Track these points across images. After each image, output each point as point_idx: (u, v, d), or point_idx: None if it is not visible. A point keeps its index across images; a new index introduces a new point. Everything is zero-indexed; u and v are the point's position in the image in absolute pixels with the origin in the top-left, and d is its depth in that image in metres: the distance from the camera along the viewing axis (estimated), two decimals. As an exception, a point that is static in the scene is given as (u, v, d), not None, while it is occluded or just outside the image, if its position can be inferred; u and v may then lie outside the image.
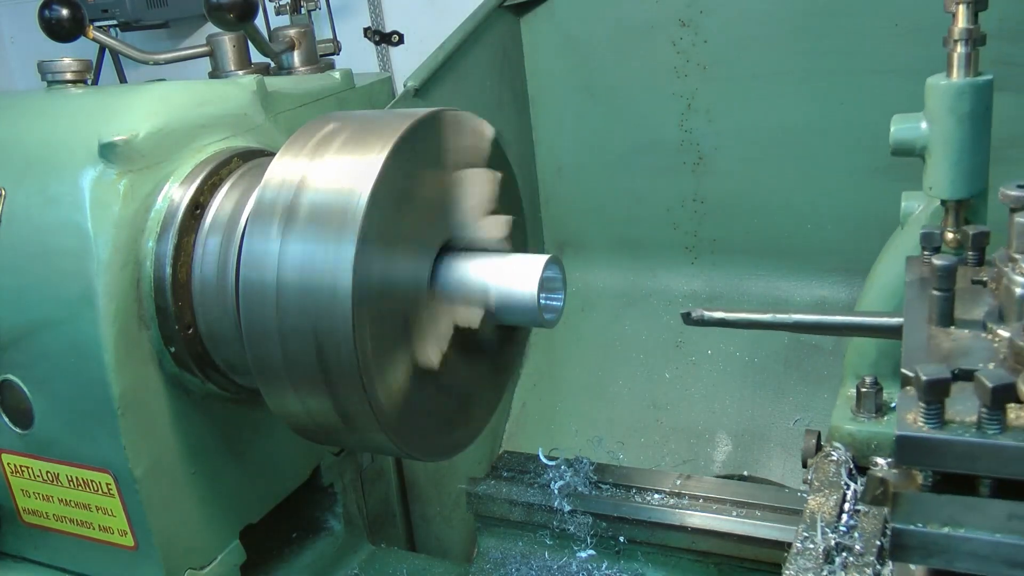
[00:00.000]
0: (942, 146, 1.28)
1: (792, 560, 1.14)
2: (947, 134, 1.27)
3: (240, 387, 1.63)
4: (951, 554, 0.86)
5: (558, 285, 1.51)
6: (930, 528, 0.86)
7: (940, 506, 0.87)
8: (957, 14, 1.24)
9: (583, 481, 2.00)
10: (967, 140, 1.27)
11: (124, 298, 1.47)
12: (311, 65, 2.65)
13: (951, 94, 1.25)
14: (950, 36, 1.25)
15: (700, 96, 2.68)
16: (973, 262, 1.16)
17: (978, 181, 1.27)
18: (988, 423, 0.84)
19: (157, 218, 1.51)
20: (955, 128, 1.26)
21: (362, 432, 1.37)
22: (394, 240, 1.33)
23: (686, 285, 2.87)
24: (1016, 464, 0.83)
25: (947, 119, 1.26)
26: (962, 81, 1.25)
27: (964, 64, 1.25)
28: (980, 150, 1.28)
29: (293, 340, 1.31)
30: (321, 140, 1.38)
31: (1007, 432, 0.83)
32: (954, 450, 0.84)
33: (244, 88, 1.78)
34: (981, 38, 1.24)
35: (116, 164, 1.47)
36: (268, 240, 1.32)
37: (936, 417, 0.85)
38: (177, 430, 1.58)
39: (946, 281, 1.01)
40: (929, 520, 0.86)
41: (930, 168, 1.31)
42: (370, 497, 2.31)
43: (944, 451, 0.84)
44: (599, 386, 2.89)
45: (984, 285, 1.09)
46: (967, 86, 1.25)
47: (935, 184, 1.30)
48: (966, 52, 1.24)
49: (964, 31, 1.24)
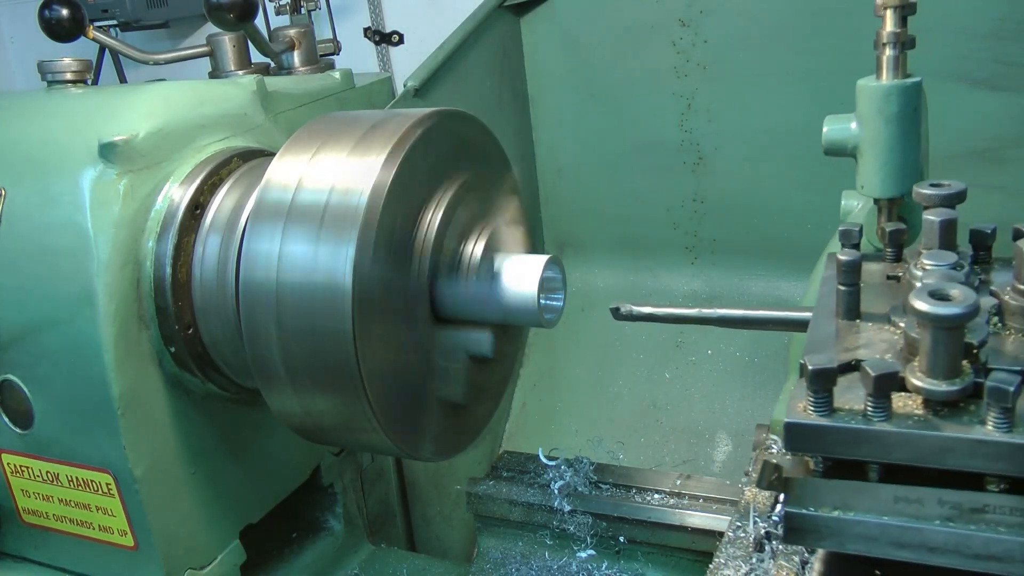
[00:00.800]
0: (872, 146, 1.31)
1: (723, 548, 1.17)
2: (876, 134, 1.30)
3: (240, 387, 1.63)
4: (842, 537, 0.90)
5: (558, 285, 1.51)
6: (821, 512, 0.90)
7: (830, 491, 0.91)
8: (885, 18, 1.27)
9: (583, 481, 2.00)
10: (896, 140, 1.30)
11: (124, 298, 1.47)
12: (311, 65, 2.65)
13: (879, 96, 1.29)
14: (879, 39, 1.28)
15: (700, 96, 2.68)
16: (891, 258, 1.20)
17: (909, 180, 1.28)
18: (874, 411, 0.87)
19: (157, 218, 1.51)
20: (883, 128, 1.30)
21: (361, 432, 1.37)
22: (394, 239, 1.33)
23: (686, 285, 2.86)
24: (899, 450, 0.86)
25: (876, 120, 1.30)
26: (890, 83, 1.28)
27: (893, 66, 1.28)
28: (909, 150, 1.31)
29: (293, 340, 1.31)
30: (321, 140, 1.38)
31: (892, 419, 0.87)
32: (839, 437, 0.88)
33: (244, 88, 1.78)
34: (910, 41, 1.28)
35: (116, 164, 1.47)
36: (268, 240, 1.32)
37: (825, 405, 0.89)
38: (177, 430, 1.58)
39: (850, 276, 1.05)
40: (820, 504, 0.91)
41: (861, 167, 1.34)
42: (370, 497, 2.30)
43: (830, 437, 0.88)
44: (599, 386, 2.89)
45: (898, 280, 1.13)
46: (895, 88, 1.28)
47: (866, 183, 1.34)
48: (894, 55, 1.27)
49: (892, 35, 1.27)
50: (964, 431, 0.85)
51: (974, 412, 0.87)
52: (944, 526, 0.87)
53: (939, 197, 1.08)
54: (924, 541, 0.88)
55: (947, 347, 0.86)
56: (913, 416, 0.87)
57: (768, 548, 1.12)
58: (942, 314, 0.84)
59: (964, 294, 0.86)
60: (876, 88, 1.29)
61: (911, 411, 0.88)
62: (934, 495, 0.88)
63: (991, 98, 2.23)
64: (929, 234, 1.05)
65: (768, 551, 1.12)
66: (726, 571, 1.13)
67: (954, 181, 1.10)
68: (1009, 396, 0.83)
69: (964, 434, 0.84)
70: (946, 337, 0.86)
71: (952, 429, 0.85)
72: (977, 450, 0.84)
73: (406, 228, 1.36)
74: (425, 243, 1.39)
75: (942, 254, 1.01)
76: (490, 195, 1.56)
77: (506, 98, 2.81)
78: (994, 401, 0.83)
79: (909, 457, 0.87)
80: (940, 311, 0.84)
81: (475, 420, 1.62)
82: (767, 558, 1.11)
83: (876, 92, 1.29)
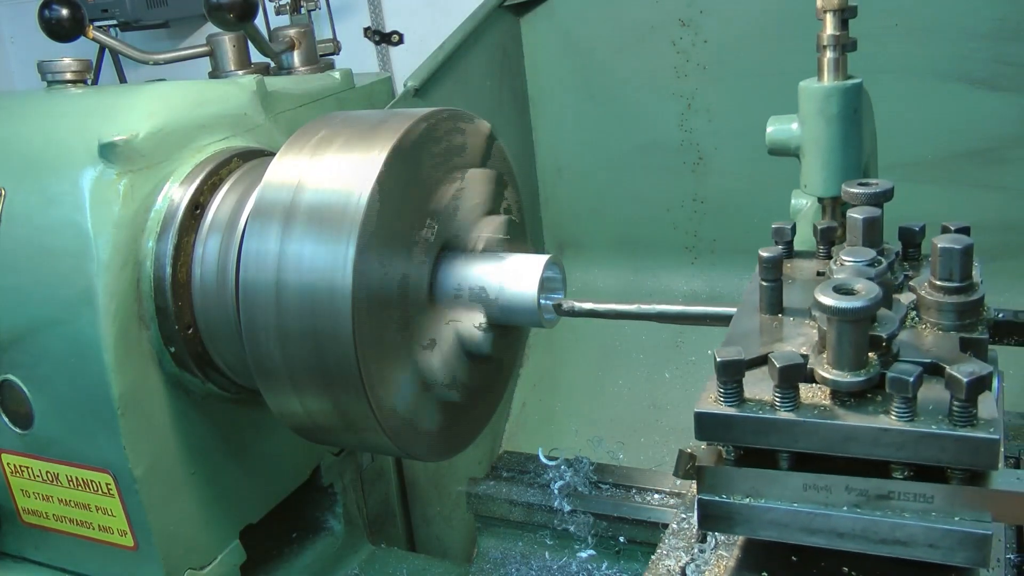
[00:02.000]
0: (813, 146, 1.34)
1: (666, 539, 1.21)
2: (817, 135, 1.33)
3: (240, 387, 1.63)
4: (754, 523, 0.94)
5: (558, 285, 1.51)
6: (734, 499, 0.94)
7: (742, 479, 0.94)
8: (826, 21, 1.30)
9: (583, 481, 2.00)
10: (836, 140, 1.32)
11: (124, 298, 1.46)
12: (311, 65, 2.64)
13: (820, 97, 1.31)
14: (819, 42, 1.31)
15: (700, 96, 2.68)
16: (823, 255, 1.23)
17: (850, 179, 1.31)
18: (781, 401, 0.91)
19: (157, 218, 1.51)
20: (824, 129, 1.32)
21: (362, 432, 1.37)
22: (394, 240, 1.33)
23: (686, 285, 2.86)
24: (805, 438, 0.90)
25: (817, 120, 1.32)
26: (831, 85, 1.31)
27: (833, 68, 1.30)
28: (851, 150, 1.33)
29: (293, 340, 1.31)
30: (321, 140, 1.38)
31: (798, 409, 0.90)
32: (747, 426, 0.91)
33: (244, 88, 1.77)
34: (851, 43, 1.30)
35: (116, 164, 1.47)
36: (268, 240, 1.32)
37: (735, 396, 0.93)
38: (177, 430, 1.57)
39: (771, 272, 1.09)
40: (732, 492, 0.94)
41: (804, 167, 1.37)
42: (370, 497, 2.30)
43: (738, 427, 0.92)
44: (599, 386, 2.89)
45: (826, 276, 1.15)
46: (835, 89, 1.31)
47: (809, 182, 1.37)
48: (835, 57, 1.30)
49: (832, 37, 1.29)
50: (867, 420, 0.87)
51: (880, 403, 0.90)
52: (852, 512, 0.90)
53: (865, 196, 1.12)
54: (833, 527, 0.91)
55: (851, 339, 0.89)
56: (819, 407, 0.91)
57: (712, 539, 1.13)
58: (842, 307, 0.87)
59: (867, 288, 0.89)
60: (817, 89, 1.32)
61: (818, 402, 0.91)
62: (842, 482, 0.91)
63: (991, 98, 2.23)
64: (853, 231, 1.09)
65: (711, 542, 1.13)
66: (667, 561, 1.16)
67: (882, 180, 1.12)
68: (909, 386, 0.85)
69: (866, 423, 0.87)
70: (850, 330, 0.89)
71: (856, 419, 0.88)
72: (880, 438, 0.87)
73: (406, 227, 1.36)
74: (426, 242, 1.39)
75: (861, 250, 1.04)
76: (490, 194, 1.56)
77: (506, 98, 2.81)
78: (895, 391, 0.86)
79: (815, 446, 0.90)
80: (840, 304, 0.87)
81: (475, 420, 1.62)
82: (708, 549, 1.13)
83: (817, 93, 1.31)
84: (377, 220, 1.28)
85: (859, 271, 0.98)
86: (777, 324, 1.08)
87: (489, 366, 1.59)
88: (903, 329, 1.00)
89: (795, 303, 1.11)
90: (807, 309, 1.06)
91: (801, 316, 1.08)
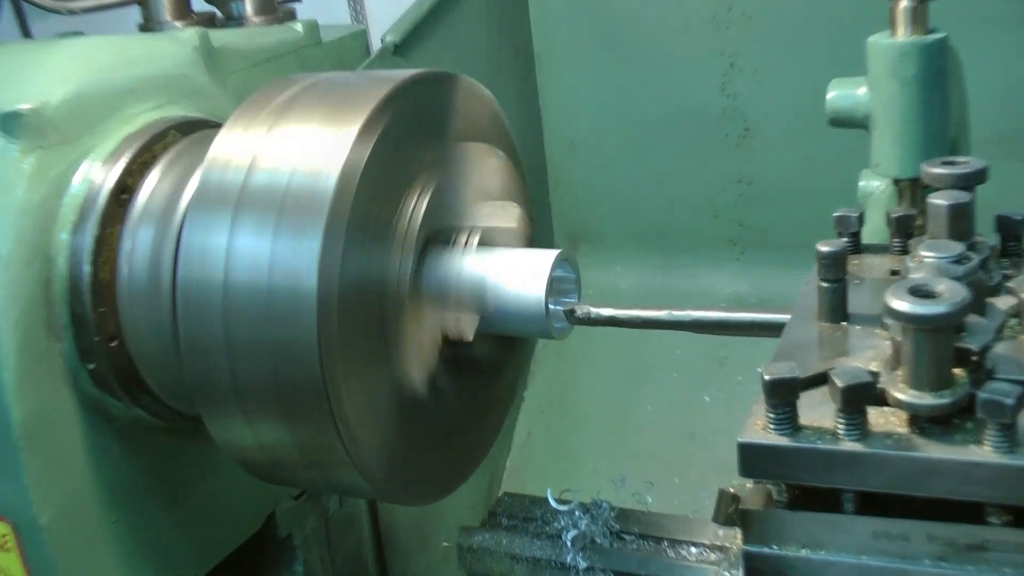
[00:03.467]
0: (886, 116, 1.34)
1: None
2: (891, 102, 1.32)
3: (176, 413, 1.64)
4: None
5: (570, 287, 1.52)
6: (786, 551, 0.93)
7: (797, 525, 0.93)
8: None
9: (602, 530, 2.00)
10: (915, 109, 1.31)
11: (29, 302, 1.46)
12: (267, 15, 2.65)
13: (893, 55, 1.30)
14: None
15: (745, 53, 2.69)
16: (897, 250, 1.23)
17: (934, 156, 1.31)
18: (846, 429, 0.89)
19: (73, 204, 1.51)
20: (899, 95, 1.31)
21: (328, 469, 1.37)
22: (369, 231, 1.33)
23: (729, 287, 2.88)
24: (875, 475, 0.89)
25: (890, 84, 1.31)
26: (907, 40, 1.29)
27: (910, 20, 1.28)
28: (933, 121, 1.33)
29: (243, 354, 1.31)
30: (280, 108, 1.39)
31: (867, 439, 0.89)
32: (804, 460, 0.90)
33: (183, 44, 1.78)
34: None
35: (21, 138, 1.47)
36: (214, 232, 1.33)
37: (787, 422, 0.91)
38: (95, 466, 1.57)
39: (832, 271, 1.08)
40: (785, 542, 0.93)
41: (875, 142, 1.37)
42: (337, 551, 2.31)
43: (792, 461, 0.90)
44: (621, 412, 2.90)
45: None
46: (912, 46, 1.29)
47: (881, 160, 1.37)
48: (911, 6, 1.28)
49: None
50: (953, 452, 0.87)
51: (970, 430, 0.89)
52: (936, 567, 0.89)
53: (951, 177, 1.11)
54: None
55: (932, 353, 0.88)
56: (893, 435, 0.90)
57: None
58: (920, 313, 0.86)
59: (952, 290, 0.88)
60: (890, 46, 1.31)
61: (892, 429, 0.90)
62: (922, 529, 0.89)
63: None
64: (935, 221, 1.08)
65: None
66: None
67: (973, 158, 1.12)
68: (1007, 410, 0.84)
69: (953, 455, 0.86)
70: (930, 341, 0.88)
71: (939, 450, 0.87)
72: (970, 474, 0.86)
73: (385, 216, 1.37)
74: (408, 234, 1.40)
75: (945, 244, 1.03)
76: (487, 175, 1.56)
77: (506, 56, 2.82)
78: (989, 416, 0.85)
79: (888, 484, 0.89)
80: (918, 310, 0.86)
81: (469, 453, 1.63)
82: None
83: (890, 51, 1.31)
84: (350, 207, 1.28)
85: (942, 269, 0.98)
86: (840, 334, 1.08)
87: (486, 386, 1.59)
88: (999, 340, 1.00)
89: (862, 308, 1.11)
90: (877, 316, 1.06)
91: (870, 324, 1.08)
